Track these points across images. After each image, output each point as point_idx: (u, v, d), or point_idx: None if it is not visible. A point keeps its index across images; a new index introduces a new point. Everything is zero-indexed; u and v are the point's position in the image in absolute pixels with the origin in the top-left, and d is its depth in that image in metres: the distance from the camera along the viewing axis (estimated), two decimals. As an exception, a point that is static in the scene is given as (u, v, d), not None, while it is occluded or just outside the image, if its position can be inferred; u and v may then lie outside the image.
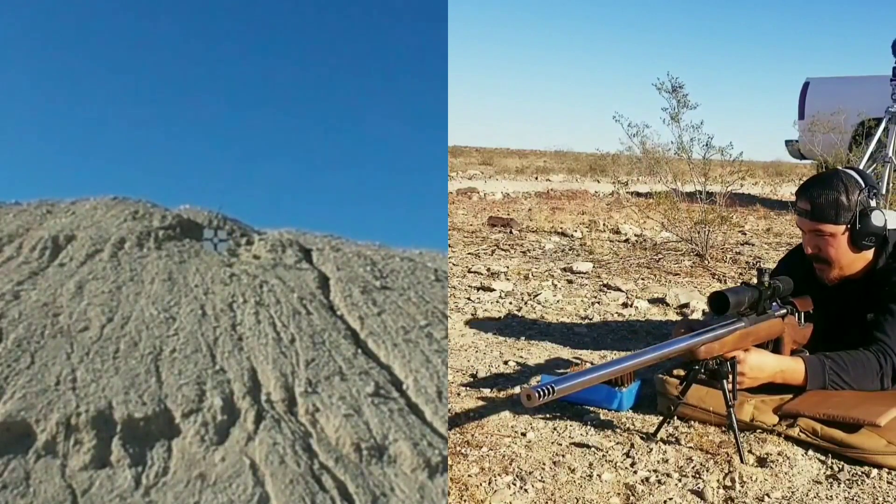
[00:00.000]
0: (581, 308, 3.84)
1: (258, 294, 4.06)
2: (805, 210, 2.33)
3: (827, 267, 2.38)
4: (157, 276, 4.16)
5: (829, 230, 2.31)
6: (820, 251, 2.36)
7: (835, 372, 2.21)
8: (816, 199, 2.30)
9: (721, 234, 5.27)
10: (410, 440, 2.76)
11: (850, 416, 2.06)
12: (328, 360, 3.36)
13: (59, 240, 4.55)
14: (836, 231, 2.31)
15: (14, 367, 2.91)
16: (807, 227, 2.35)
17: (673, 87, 5.03)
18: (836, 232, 2.31)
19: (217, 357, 3.22)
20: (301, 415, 2.89)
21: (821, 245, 2.35)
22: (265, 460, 2.56)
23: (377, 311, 4.01)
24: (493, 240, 6.07)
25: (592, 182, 12.85)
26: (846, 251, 2.34)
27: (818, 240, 2.35)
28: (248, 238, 5.23)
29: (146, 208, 5.32)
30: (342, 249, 5.14)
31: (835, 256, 2.35)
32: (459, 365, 2.87)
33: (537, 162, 20.00)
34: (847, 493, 1.86)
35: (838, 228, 2.30)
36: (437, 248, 5.37)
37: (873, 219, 2.28)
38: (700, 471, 1.95)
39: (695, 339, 2.01)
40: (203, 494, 2.38)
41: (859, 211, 2.27)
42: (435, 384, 3.21)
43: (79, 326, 3.36)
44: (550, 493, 1.84)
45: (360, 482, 2.52)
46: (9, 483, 2.30)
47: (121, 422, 2.64)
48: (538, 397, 1.65)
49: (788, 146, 10.14)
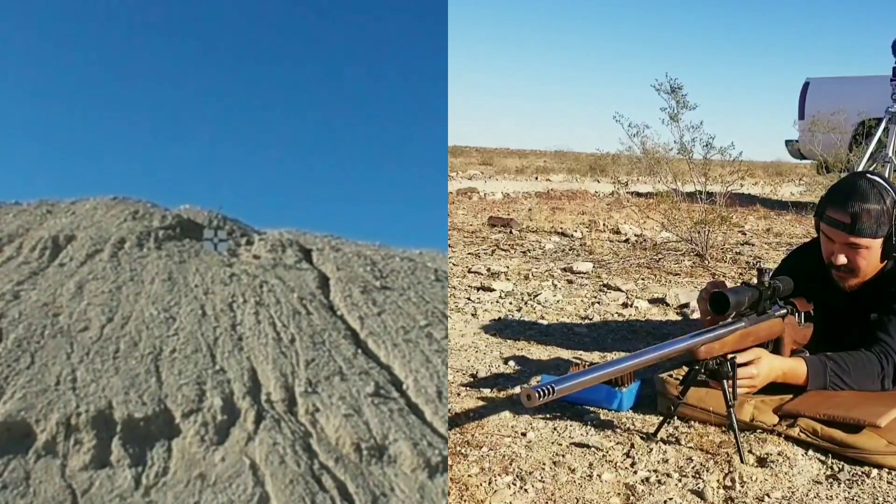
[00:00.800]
0: (581, 308, 3.84)
1: (258, 294, 4.06)
2: (844, 223, 2.23)
3: (850, 276, 2.32)
4: (157, 276, 4.16)
5: (866, 244, 2.24)
6: (849, 262, 2.29)
7: (835, 373, 2.21)
8: (858, 213, 2.20)
9: (721, 234, 5.27)
10: (410, 440, 2.76)
11: (850, 417, 2.06)
12: (328, 360, 3.36)
13: (59, 240, 4.55)
14: (873, 244, 2.24)
15: (14, 367, 2.91)
16: (842, 240, 2.26)
17: (672, 87, 5.03)
18: (872, 245, 2.25)
19: (217, 357, 3.23)
20: (301, 415, 2.89)
21: (852, 257, 2.27)
22: (265, 460, 2.56)
23: (377, 311, 4.01)
24: (493, 240, 6.07)
25: (592, 182, 12.85)
26: (876, 261, 2.28)
27: (850, 252, 2.27)
28: (248, 238, 5.23)
29: (146, 208, 5.33)
30: (342, 249, 5.14)
31: (864, 267, 2.29)
32: (459, 365, 2.87)
33: (537, 162, 20.00)
34: (847, 493, 1.86)
35: (876, 242, 2.24)
36: (437, 248, 5.38)
37: None
38: (700, 471, 1.95)
39: (695, 339, 2.01)
40: (203, 494, 2.38)
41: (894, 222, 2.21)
42: (435, 384, 3.21)
43: (79, 326, 3.36)
44: (550, 493, 1.84)
45: (360, 482, 2.52)
46: (9, 483, 2.30)
47: (121, 422, 2.64)
48: (538, 397, 1.65)
49: (788, 146, 10.15)
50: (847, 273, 2.33)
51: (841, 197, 2.26)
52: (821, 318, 2.38)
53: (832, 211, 2.27)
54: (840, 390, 2.20)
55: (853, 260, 2.28)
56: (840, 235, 2.27)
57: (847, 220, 2.23)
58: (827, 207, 2.30)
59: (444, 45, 18.65)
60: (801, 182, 12.04)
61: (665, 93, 5.05)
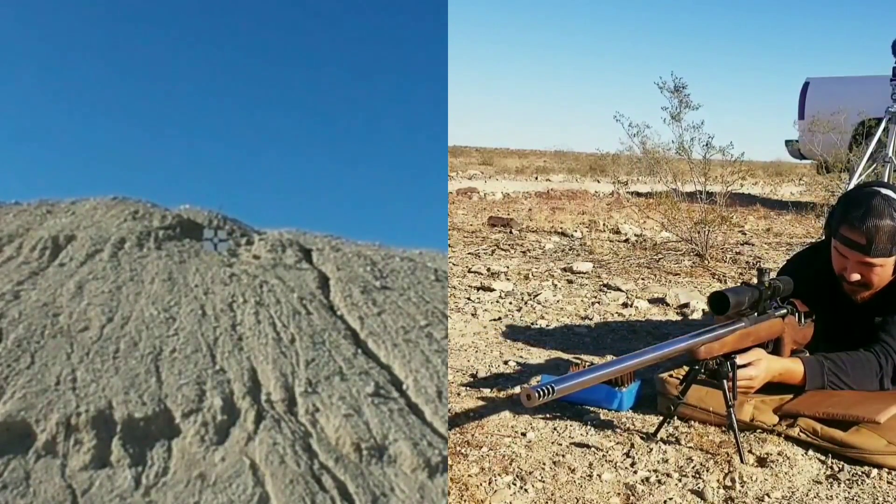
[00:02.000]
0: (581, 308, 3.84)
1: (258, 294, 4.06)
2: (859, 244, 2.20)
3: (862, 290, 2.31)
4: (157, 276, 4.16)
5: (881, 262, 2.22)
6: (862, 279, 2.27)
7: (833, 373, 2.21)
8: (874, 233, 2.17)
9: (721, 234, 5.27)
10: (410, 440, 2.76)
11: (849, 414, 2.06)
12: (328, 360, 3.36)
13: (59, 240, 4.55)
14: (887, 262, 2.23)
15: (14, 367, 2.91)
16: (856, 259, 2.23)
17: (676, 87, 5.03)
18: (887, 263, 2.23)
19: (217, 357, 3.22)
20: (301, 415, 2.89)
21: (866, 274, 2.26)
22: (265, 460, 2.56)
23: (377, 311, 4.01)
24: (493, 240, 6.07)
25: (592, 182, 12.85)
26: (888, 276, 2.27)
27: (864, 269, 2.25)
28: (248, 238, 5.23)
29: (146, 208, 5.32)
30: (342, 249, 5.14)
31: (877, 283, 2.27)
32: (459, 365, 2.87)
33: (537, 162, 20.01)
34: (847, 493, 1.86)
35: (890, 260, 2.22)
36: (437, 248, 5.38)
37: None
38: (700, 471, 1.95)
39: (695, 339, 2.01)
40: (203, 494, 2.38)
41: None
42: (435, 384, 3.21)
43: (79, 326, 3.36)
44: (550, 493, 1.84)
45: (360, 482, 2.52)
46: (9, 483, 2.30)
47: (121, 422, 2.64)
48: (538, 397, 1.65)
49: (788, 146, 10.14)
50: (860, 288, 2.31)
51: (857, 215, 2.21)
52: (825, 324, 2.36)
53: (846, 230, 2.23)
54: (839, 390, 2.20)
55: (867, 277, 2.26)
56: (855, 255, 2.23)
57: (863, 241, 2.19)
58: (841, 225, 2.25)
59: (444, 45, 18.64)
60: (801, 182, 12.05)
61: (668, 91, 5.05)
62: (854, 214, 2.22)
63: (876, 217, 2.18)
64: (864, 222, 2.19)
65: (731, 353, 2.08)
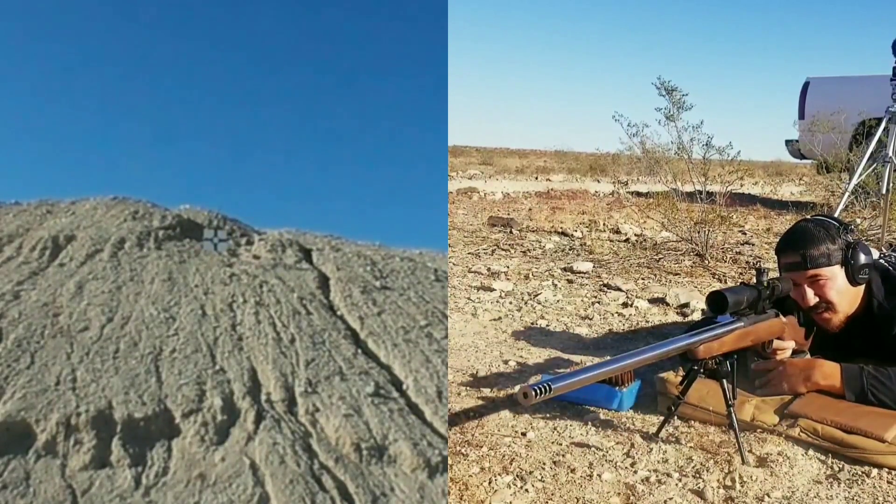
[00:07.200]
0: (581, 308, 3.84)
1: (258, 294, 4.06)
2: (796, 263, 2.30)
3: (831, 313, 2.34)
4: (157, 276, 4.16)
5: (826, 274, 2.29)
6: (821, 298, 2.32)
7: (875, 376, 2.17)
8: (805, 249, 2.28)
9: (721, 234, 5.27)
10: (410, 440, 2.76)
11: (856, 427, 2.04)
12: (328, 360, 3.36)
13: (59, 240, 4.55)
14: (833, 273, 2.29)
15: (14, 367, 2.91)
16: (803, 279, 2.31)
17: (667, 89, 5.04)
18: (833, 274, 2.29)
19: (217, 357, 3.23)
20: (301, 415, 2.89)
21: (819, 290, 2.31)
22: (265, 460, 2.56)
23: (377, 311, 4.01)
24: (493, 240, 6.07)
25: (592, 182, 12.84)
26: (847, 289, 2.31)
27: (816, 287, 2.31)
28: (248, 238, 5.23)
29: (146, 208, 5.33)
30: (342, 249, 5.14)
31: (837, 299, 2.31)
32: (459, 365, 2.87)
33: (537, 162, 20.00)
34: (847, 493, 1.86)
35: (834, 269, 2.29)
36: (437, 248, 5.38)
37: (862, 250, 2.28)
38: (700, 470, 1.95)
39: (694, 339, 2.01)
40: (203, 494, 2.38)
41: (847, 247, 2.28)
42: (435, 384, 3.21)
43: (79, 326, 3.36)
44: (550, 493, 1.84)
45: (360, 482, 2.53)
46: (9, 483, 2.30)
47: (121, 422, 2.64)
48: (535, 395, 1.64)
49: (788, 146, 10.13)
50: (827, 312, 2.34)
51: (786, 243, 2.35)
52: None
53: (784, 257, 2.34)
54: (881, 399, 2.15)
55: (823, 294, 2.31)
56: (799, 276, 2.31)
57: (797, 258, 2.30)
58: (780, 258, 2.36)
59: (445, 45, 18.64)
60: (801, 182, 12.04)
61: (665, 90, 5.06)
62: (785, 241, 2.36)
63: (803, 235, 2.32)
64: (791, 244, 2.33)
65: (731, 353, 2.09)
